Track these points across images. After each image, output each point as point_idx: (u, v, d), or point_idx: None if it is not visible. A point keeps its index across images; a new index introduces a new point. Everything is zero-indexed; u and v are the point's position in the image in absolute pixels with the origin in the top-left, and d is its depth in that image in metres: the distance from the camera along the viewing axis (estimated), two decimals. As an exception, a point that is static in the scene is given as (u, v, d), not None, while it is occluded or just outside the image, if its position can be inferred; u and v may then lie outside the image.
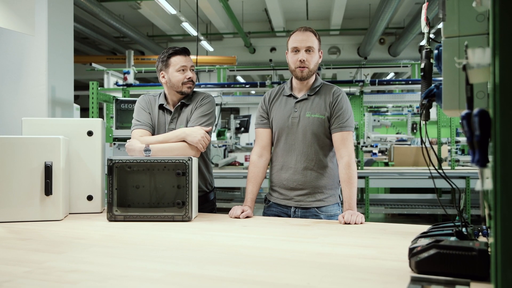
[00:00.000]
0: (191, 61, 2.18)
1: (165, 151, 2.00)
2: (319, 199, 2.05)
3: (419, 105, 1.29)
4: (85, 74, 10.37)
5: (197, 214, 1.99)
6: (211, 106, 2.17)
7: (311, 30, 2.05)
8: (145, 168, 1.92)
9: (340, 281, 1.00)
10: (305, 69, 2.01)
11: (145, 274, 1.06)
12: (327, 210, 2.06)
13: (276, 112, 2.12)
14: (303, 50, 2.00)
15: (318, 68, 2.14)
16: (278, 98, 2.15)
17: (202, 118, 2.11)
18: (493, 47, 0.65)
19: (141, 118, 2.19)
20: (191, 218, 1.84)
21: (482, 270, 0.94)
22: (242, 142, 11.16)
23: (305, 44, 1.99)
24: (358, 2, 10.00)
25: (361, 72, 9.26)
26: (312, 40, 2.01)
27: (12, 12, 2.54)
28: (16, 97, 3.42)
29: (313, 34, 2.03)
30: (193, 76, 2.17)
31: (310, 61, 2.01)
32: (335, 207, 2.08)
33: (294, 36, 2.04)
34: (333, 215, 2.05)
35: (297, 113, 2.05)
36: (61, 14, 3.59)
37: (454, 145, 5.80)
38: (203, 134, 2.05)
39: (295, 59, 2.01)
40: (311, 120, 2.03)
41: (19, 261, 1.20)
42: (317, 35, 2.05)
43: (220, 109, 6.91)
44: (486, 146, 0.71)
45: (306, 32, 2.02)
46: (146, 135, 2.13)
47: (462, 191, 1.42)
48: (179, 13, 8.95)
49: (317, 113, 2.03)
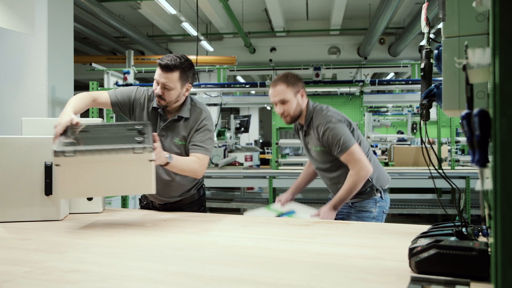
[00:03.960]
0: (167, 80, 1.95)
1: (182, 167, 1.95)
2: (353, 198, 2.19)
3: (419, 105, 1.29)
4: (85, 74, 10.35)
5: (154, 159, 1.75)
6: (212, 127, 2.09)
7: (281, 80, 2.13)
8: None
9: (340, 281, 1.00)
10: (287, 117, 2.17)
11: (145, 274, 1.06)
12: (360, 205, 2.20)
13: (301, 141, 2.35)
14: (279, 104, 2.14)
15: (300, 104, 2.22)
16: (297, 128, 2.37)
17: (207, 143, 2.02)
18: (493, 47, 0.65)
19: (119, 91, 2.10)
20: (152, 149, 1.67)
21: (482, 270, 0.94)
22: (242, 142, 11.16)
23: (277, 99, 2.14)
24: (358, 2, 9.99)
25: (361, 72, 9.25)
26: (282, 92, 2.12)
27: (12, 12, 2.54)
28: (16, 97, 3.42)
29: (283, 85, 2.12)
30: (163, 94, 1.97)
31: (289, 110, 2.15)
32: (371, 203, 2.19)
33: (269, 92, 2.18)
34: (366, 211, 2.18)
35: (310, 145, 2.25)
36: (61, 14, 3.59)
37: (454, 145, 5.79)
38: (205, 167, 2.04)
39: (277, 111, 2.19)
40: (317, 153, 2.21)
41: (19, 261, 1.20)
42: (288, 83, 2.12)
43: (220, 109, 6.91)
44: (486, 146, 0.71)
45: (276, 87, 2.13)
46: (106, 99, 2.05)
47: (462, 191, 1.42)
48: (179, 13, 8.94)
49: (318, 146, 2.19)
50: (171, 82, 1.96)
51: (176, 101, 2.03)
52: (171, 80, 1.96)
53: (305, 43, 11.89)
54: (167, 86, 1.97)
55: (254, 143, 13.11)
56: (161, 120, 2.08)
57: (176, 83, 1.98)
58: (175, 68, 1.96)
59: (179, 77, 1.98)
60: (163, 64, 1.96)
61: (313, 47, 11.91)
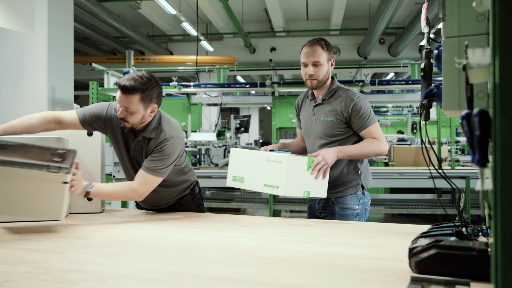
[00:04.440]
0: (127, 103, 1.81)
1: (109, 193, 1.86)
2: (338, 191, 2.13)
3: (419, 105, 1.29)
4: (85, 74, 10.37)
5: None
6: (170, 150, 1.89)
7: (319, 43, 2.10)
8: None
9: (340, 281, 1.00)
10: (314, 81, 2.12)
11: (145, 274, 1.06)
12: (344, 201, 2.13)
13: (303, 115, 2.29)
14: (310, 64, 2.09)
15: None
16: (305, 102, 2.30)
17: (155, 164, 1.87)
18: (493, 47, 0.65)
19: (88, 109, 1.96)
20: (69, 171, 1.58)
21: (482, 270, 0.94)
22: (242, 142, 11.17)
23: (312, 59, 2.09)
24: (358, 2, 9.99)
25: (361, 72, 9.25)
26: (319, 54, 2.08)
27: (12, 12, 2.54)
28: (16, 97, 3.42)
29: (320, 47, 2.09)
30: (125, 117, 1.84)
31: (318, 74, 2.10)
32: (354, 200, 2.13)
33: (303, 50, 2.12)
34: (349, 208, 2.12)
35: (314, 116, 2.18)
36: (61, 14, 3.59)
37: (454, 145, 5.79)
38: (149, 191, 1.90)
39: (304, 72, 2.13)
40: (324, 123, 2.14)
41: (19, 261, 1.20)
42: (325, 47, 2.10)
43: (220, 109, 6.91)
44: (486, 146, 0.71)
45: (313, 47, 2.09)
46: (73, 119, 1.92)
47: (462, 191, 1.42)
48: (179, 13, 8.95)
49: (330, 116, 2.12)
50: (132, 105, 1.81)
51: (142, 123, 1.89)
52: (132, 103, 1.80)
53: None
54: (128, 109, 1.82)
55: (254, 143, 13.12)
56: (131, 140, 1.97)
57: (138, 106, 1.82)
58: (135, 91, 1.79)
59: (140, 99, 1.82)
60: (122, 86, 1.80)
61: (313, 47, 11.88)
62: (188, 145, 5.97)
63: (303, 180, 1.88)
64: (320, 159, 1.91)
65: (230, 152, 2.03)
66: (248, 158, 1.95)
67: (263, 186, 1.87)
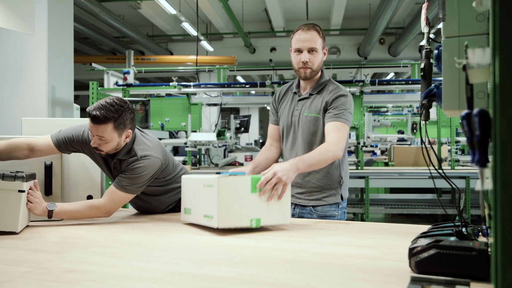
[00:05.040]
0: (100, 133, 1.74)
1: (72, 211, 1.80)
2: (317, 198, 2.02)
3: (419, 105, 1.29)
4: (85, 74, 10.37)
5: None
6: (141, 170, 1.82)
7: (315, 28, 1.97)
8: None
9: (340, 281, 1.00)
10: (308, 70, 1.98)
11: (145, 274, 1.06)
12: (323, 210, 2.02)
13: (283, 109, 2.12)
14: (306, 51, 1.95)
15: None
16: (286, 95, 2.15)
17: (125, 181, 1.82)
18: (493, 47, 0.65)
19: (63, 133, 1.89)
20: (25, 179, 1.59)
21: (482, 270, 0.94)
22: (242, 142, 11.17)
23: (308, 45, 1.94)
24: (358, 2, 9.99)
25: (361, 72, 9.26)
26: (315, 40, 1.95)
27: (12, 12, 2.54)
28: (16, 97, 3.42)
29: (316, 33, 1.96)
30: (99, 145, 1.78)
31: (314, 62, 1.97)
32: (333, 208, 2.04)
33: (297, 35, 1.97)
34: (329, 216, 2.02)
35: (298, 111, 2.05)
36: (61, 14, 3.59)
37: (454, 145, 5.79)
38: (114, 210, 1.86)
39: (298, 59, 1.98)
40: (308, 119, 2.01)
41: (19, 261, 1.20)
42: (320, 33, 1.98)
43: (220, 109, 6.91)
44: (486, 146, 0.71)
45: (309, 32, 1.95)
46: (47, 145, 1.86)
47: (462, 191, 1.40)
48: (179, 13, 8.95)
49: (314, 112, 2.00)
50: (106, 135, 1.74)
51: (117, 149, 1.83)
52: (106, 132, 1.74)
53: (305, 43, 11.87)
54: (102, 138, 1.76)
55: (254, 143, 13.12)
56: (110, 161, 1.92)
57: (112, 135, 1.76)
58: (107, 120, 1.72)
59: (114, 128, 1.75)
60: (92, 116, 1.71)
61: (313, 47, 11.89)
62: (188, 145, 5.97)
63: (248, 206, 1.55)
64: (270, 176, 1.58)
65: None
66: (192, 185, 1.73)
67: (203, 217, 1.60)
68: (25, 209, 1.64)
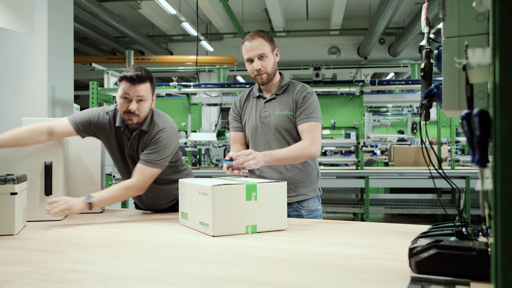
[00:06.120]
0: (141, 91, 1.87)
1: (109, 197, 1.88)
2: (300, 194, 2.06)
3: (419, 105, 1.29)
4: (85, 74, 10.38)
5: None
6: (165, 141, 1.93)
7: (259, 35, 2.02)
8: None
9: (340, 281, 1.00)
10: (264, 75, 2.03)
11: (145, 274, 1.06)
12: (308, 205, 2.08)
13: (249, 115, 2.14)
14: (256, 58, 2.01)
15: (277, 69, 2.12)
16: (248, 101, 2.17)
17: (152, 157, 1.91)
18: (493, 47, 0.65)
19: (79, 116, 1.97)
20: (16, 182, 1.59)
21: (482, 270, 0.94)
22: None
23: (257, 53, 2.00)
24: (358, 2, 10.00)
25: (361, 72, 9.27)
26: (262, 46, 2.00)
27: (12, 12, 2.54)
28: (16, 97, 3.42)
29: (262, 39, 2.01)
30: (137, 109, 1.87)
31: (266, 66, 2.02)
32: (316, 201, 2.11)
33: (245, 46, 2.03)
34: (314, 210, 2.09)
35: (267, 112, 2.08)
36: (61, 14, 3.59)
37: (454, 145, 5.79)
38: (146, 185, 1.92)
39: (251, 69, 2.03)
40: (281, 117, 2.05)
41: (19, 261, 1.20)
42: (266, 38, 2.02)
43: (220, 109, 6.91)
44: (486, 146, 0.71)
45: (254, 40, 2.00)
46: (66, 128, 1.92)
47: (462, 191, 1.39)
48: (179, 13, 8.95)
49: (285, 109, 2.04)
50: (145, 93, 1.89)
51: (142, 118, 1.93)
52: (145, 90, 1.89)
53: (305, 43, 11.90)
54: (142, 98, 1.88)
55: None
56: (126, 139, 1.98)
57: (149, 94, 1.92)
58: (146, 79, 1.89)
59: (151, 87, 1.93)
60: (134, 76, 1.85)
61: (313, 47, 11.91)
62: (188, 145, 5.97)
63: (243, 213, 1.55)
64: (248, 153, 1.78)
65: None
66: (188, 191, 1.72)
67: (199, 224, 1.61)
68: (20, 211, 1.65)
